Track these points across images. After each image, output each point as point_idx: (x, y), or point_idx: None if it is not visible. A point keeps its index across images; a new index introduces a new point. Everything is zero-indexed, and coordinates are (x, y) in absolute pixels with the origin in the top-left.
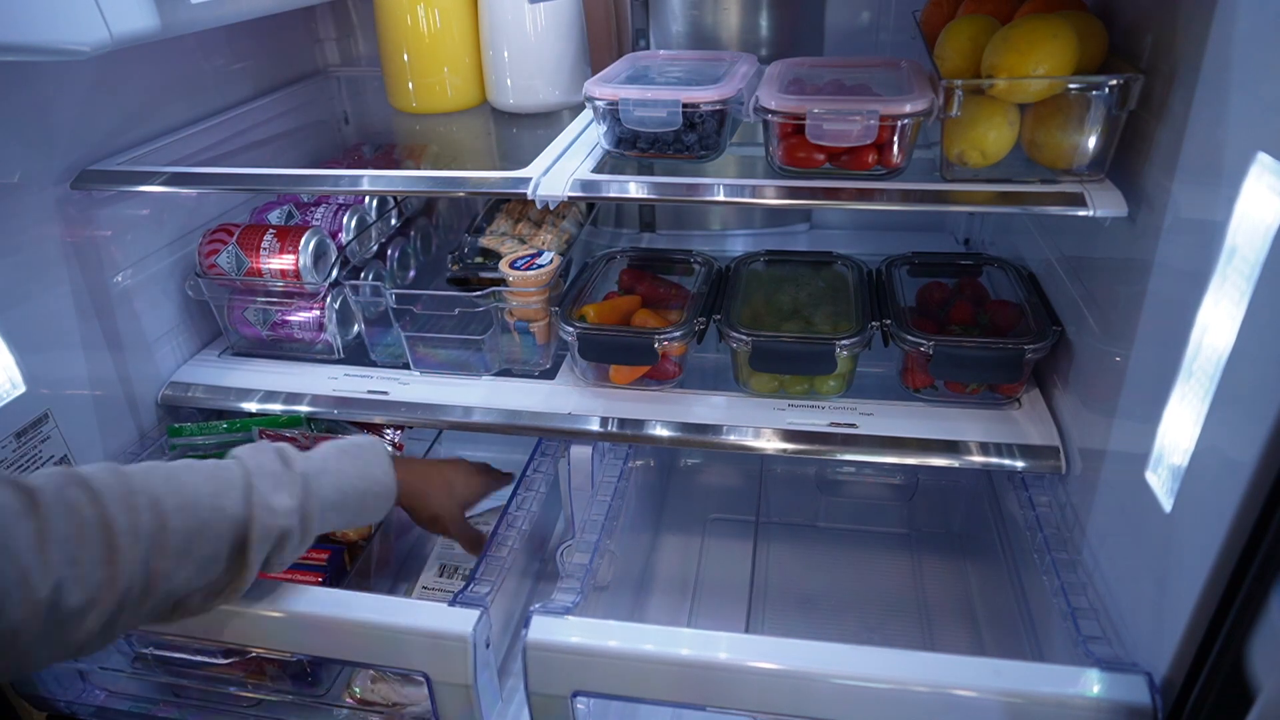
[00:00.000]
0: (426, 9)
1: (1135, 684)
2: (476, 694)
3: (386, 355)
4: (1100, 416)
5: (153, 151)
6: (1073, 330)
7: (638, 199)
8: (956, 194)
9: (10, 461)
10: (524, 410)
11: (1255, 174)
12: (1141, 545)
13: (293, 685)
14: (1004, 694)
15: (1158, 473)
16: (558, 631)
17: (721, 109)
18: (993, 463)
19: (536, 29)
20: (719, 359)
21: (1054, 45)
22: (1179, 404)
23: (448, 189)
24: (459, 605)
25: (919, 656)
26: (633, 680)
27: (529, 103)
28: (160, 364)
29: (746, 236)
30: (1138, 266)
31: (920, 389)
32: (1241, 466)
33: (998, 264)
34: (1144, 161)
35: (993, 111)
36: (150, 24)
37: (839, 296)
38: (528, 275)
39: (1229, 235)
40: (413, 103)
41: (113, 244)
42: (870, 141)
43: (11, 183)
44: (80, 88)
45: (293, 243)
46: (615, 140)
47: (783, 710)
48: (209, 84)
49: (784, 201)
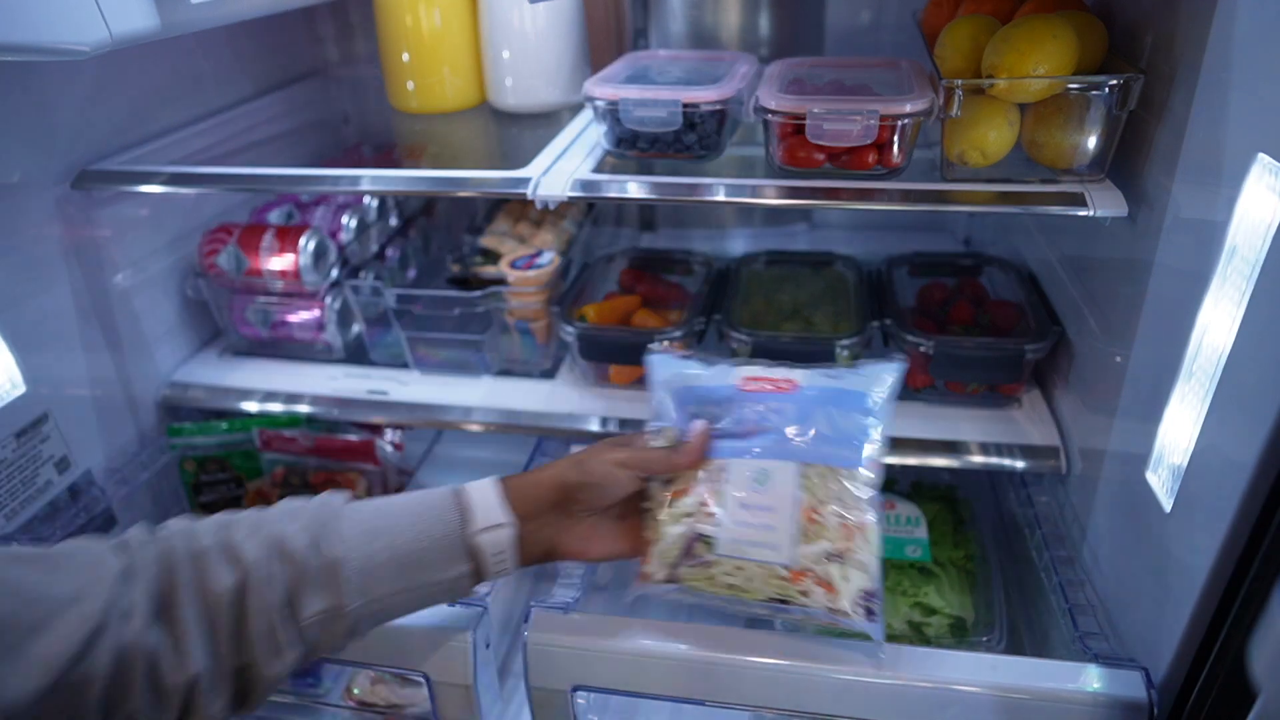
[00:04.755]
0: (426, 9)
1: (1131, 679)
2: (476, 694)
3: (386, 355)
4: (1100, 416)
5: (153, 151)
6: (1073, 330)
7: (638, 199)
8: (956, 194)
9: (10, 461)
10: (524, 410)
11: (1255, 174)
12: (1141, 545)
13: (293, 685)
14: (1002, 689)
15: (1158, 473)
16: (558, 626)
17: (721, 109)
18: (993, 463)
19: (536, 29)
20: None
21: (1054, 45)
22: (1179, 404)
23: (448, 189)
24: (459, 605)
25: (918, 652)
26: (632, 675)
27: (529, 103)
28: (160, 364)
29: (746, 236)
30: (1138, 266)
31: (920, 389)
32: (1241, 466)
33: (998, 264)
34: (1144, 161)
35: (993, 111)
36: (150, 24)
37: (839, 296)
38: (528, 275)
39: (1229, 235)
40: (413, 103)
41: (113, 244)
42: (870, 141)
43: (11, 183)
44: (80, 88)
45: (292, 243)
46: (615, 140)
47: (782, 705)
48: (209, 84)
49: (784, 201)
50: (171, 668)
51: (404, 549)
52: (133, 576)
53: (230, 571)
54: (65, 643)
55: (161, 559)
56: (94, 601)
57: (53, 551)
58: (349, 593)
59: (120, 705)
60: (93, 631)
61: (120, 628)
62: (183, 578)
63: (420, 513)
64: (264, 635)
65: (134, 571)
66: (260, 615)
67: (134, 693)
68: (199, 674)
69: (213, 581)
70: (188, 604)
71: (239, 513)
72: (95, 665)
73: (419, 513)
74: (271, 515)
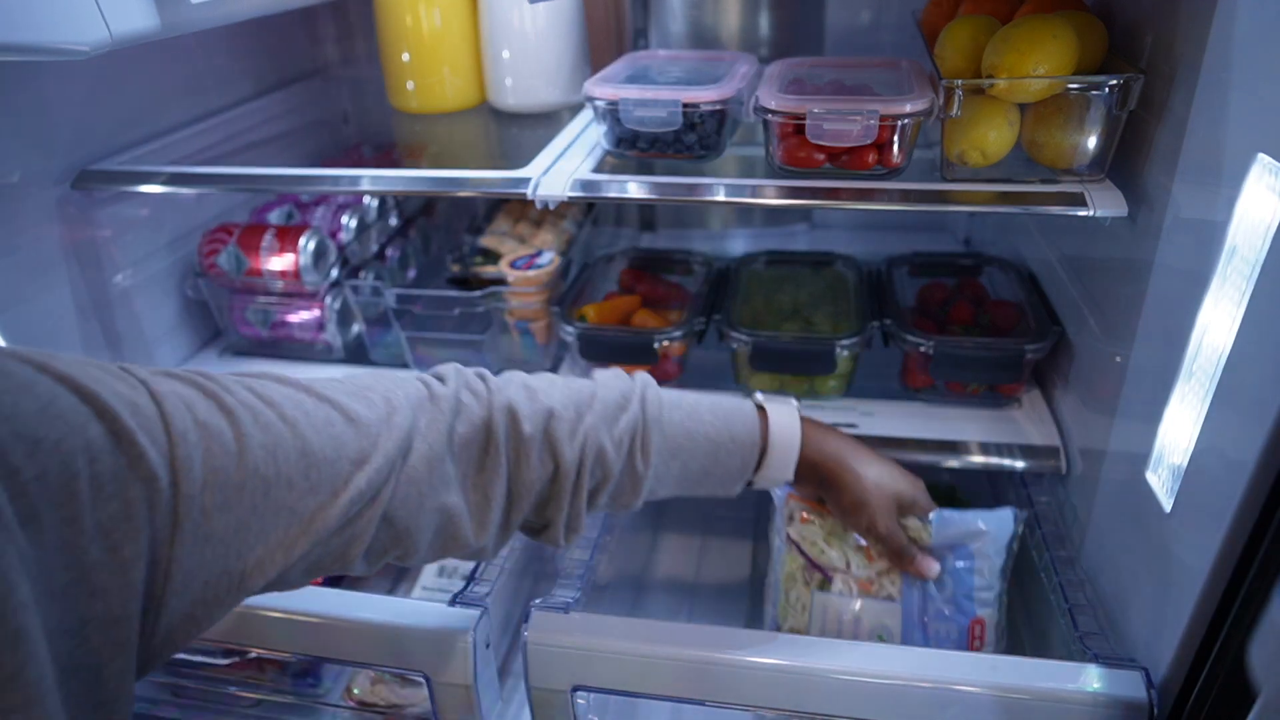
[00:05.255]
0: (426, 9)
1: (1131, 679)
2: (477, 694)
3: (386, 355)
4: (1100, 416)
5: (153, 151)
6: (1073, 330)
7: (638, 199)
8: (956, 194)
9: None
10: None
11: (1255, 174)
12: (1141, 545)
13: (293, 685)
14: (1001, 689)
15: (1158, 473)
16: (558, 626)
17: (721, 109)
18: (993, 463)
19: (536, 29)
20: (719, 359)
21: (1054, 45)
22: (1179, 404)
23: (448, 189)
24: (459, 605)
25: (917, 652)
26: (633, 675)
27: (529, 103)
28: (160, 364)
29: (746, 236)
30: (1138, 266)
31: (920, 389)
32: (1242, 466)
33: (998, 264)
34: (1144, 161)
35: (993, 111)
36: (150, 24)
37: (839, 296)
38: (528, 275)
39: (1229, 235)
40: (413, 103)
41: (113, 244)
42: (870, 141)
43: (11, 183)
44: (80, 88)
45: (292, 243)
46: (615, 140)
47: (782, 705)
48: (209, 84)
49: (784, 201)
50: (469, 532)
51: (697, 471)
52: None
53: (546, 466)
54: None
55: (486, 427)
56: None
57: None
58: (644, 492)
59: (383, 555)
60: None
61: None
62: (501, 458)
63: (724, 440)
64: (562, 517)
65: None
66: (561, 501)
67: (425, 538)
68: (487, 544)
69: (528, 470)
70: (497, 481)
71: (555, 396)
72: (362, 528)
73: (723, 440)
74: (593, 415)
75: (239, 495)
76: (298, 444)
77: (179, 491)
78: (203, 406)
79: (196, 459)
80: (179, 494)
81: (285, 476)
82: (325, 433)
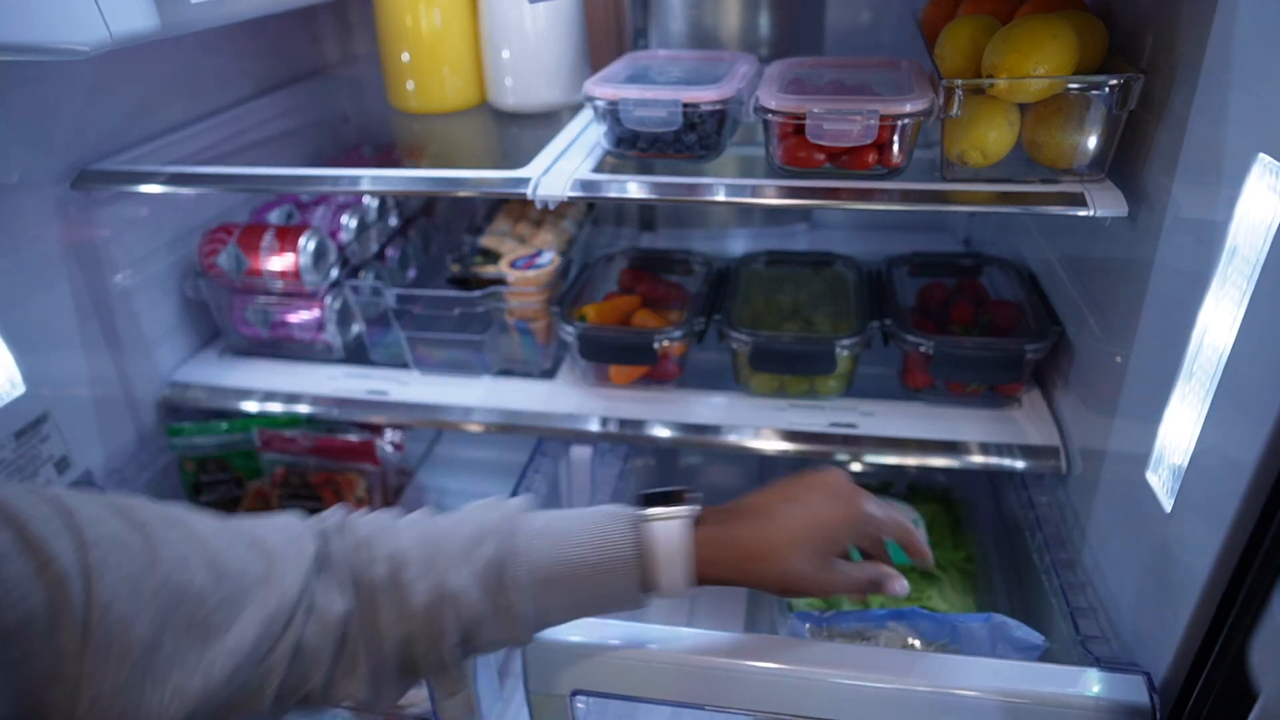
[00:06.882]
0: (426, 9)
1: (1134, 684)
2: (476, 694)
3: (386, 355)
4: (1100, 416)
5: (153, 151)
6: (1073, 330)
7: (638, 199)
8: (957, 194)
9: (10, 462)
10: (524, 410)
11: (1255, 174)
12: (1142, 545)
13: None
14: (1003, 694)
15: (1158, 473)
16: (557, 630)
17: (721, 109)
18: (993, 463)
19: (536, 29)
20: (719, 359)
21: (1054, 45)
22: (1179, 404)
23: (448, 189)
24: None
25: (918, 656)
26: (632, 679)
27: (529, 103)
28: (160, 364)
29: (746, 236)
30: (1138, 266)
31: (920, 389)
32: (1242, 466)
33: (998, 264)
34: (1144, 161)
35: (993, 111)
36: (150, 24)
37: (839, 296)
38: (528, 275)
39: (1229, 235)
40: (413, 103)
41: (112, 244)
42: (870, 141)
43: (11, 183)
44: (80, 88)
45: (292, 243)
46: (615, 140)
47: (782, 710)
48: (209, 84)
49: (784, 201)
50: (340, 683)
51: (586, 596)
52: (327, 568)
53: (398, 620)
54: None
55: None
56: (289, 591)
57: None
58: (528, 625)
59: (290, 697)
60: (284, 624)
61: (304, 625)
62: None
63: (599, 563)
64: (433, 665)
65: (329, 565)
66: (431, 653)
67: (306, 690)
68: (364, 699)
69: (383, 621)
70: (360, 636)
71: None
72: (277, 659)
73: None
74: (444, 555)
75: (153, 604)
76: (206, 556)
77: (91, 597)
78: (116, 521)
79: (110, 564)
80: (91, 599)
81: (197, 588)
82: (233, 550)
